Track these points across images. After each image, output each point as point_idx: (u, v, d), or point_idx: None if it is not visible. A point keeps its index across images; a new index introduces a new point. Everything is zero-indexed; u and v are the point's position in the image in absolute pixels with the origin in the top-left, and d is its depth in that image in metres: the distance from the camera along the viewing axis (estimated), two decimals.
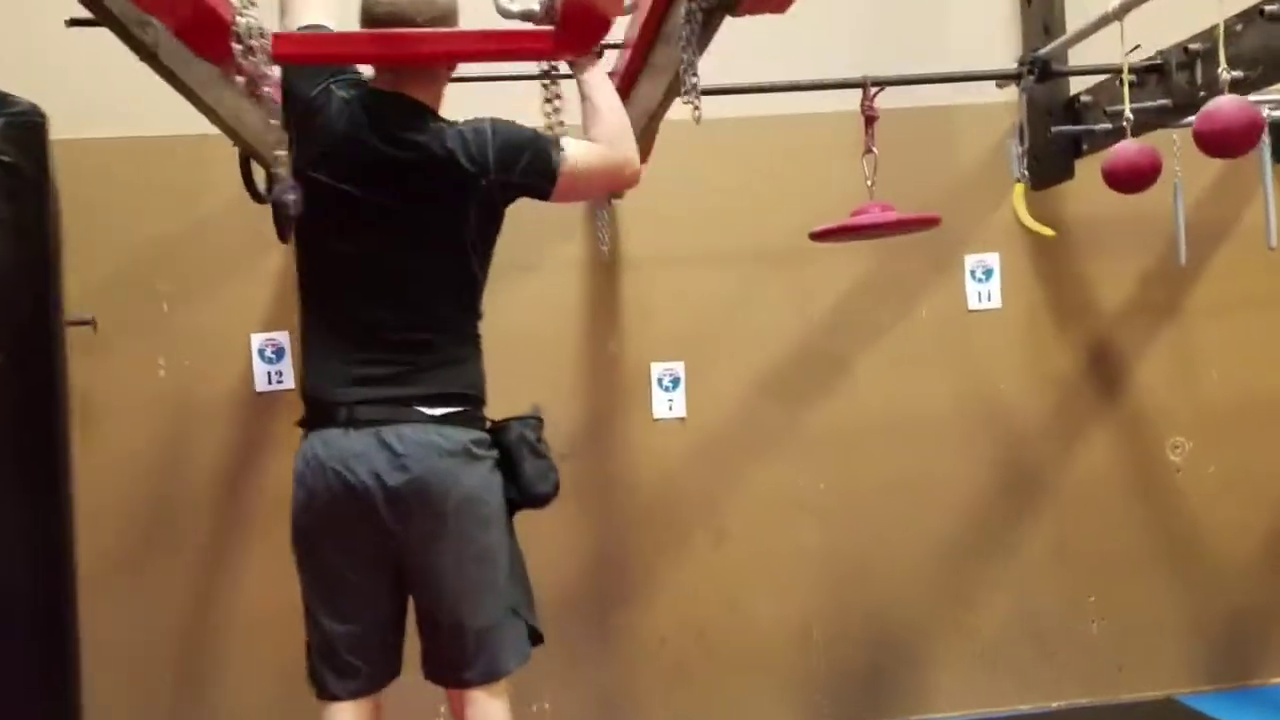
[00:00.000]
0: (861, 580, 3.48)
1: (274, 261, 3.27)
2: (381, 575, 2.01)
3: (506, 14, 1.92)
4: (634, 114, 2.65)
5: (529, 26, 1.93)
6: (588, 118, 2.07)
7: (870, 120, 2.92)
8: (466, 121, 1.99)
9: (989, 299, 3.59)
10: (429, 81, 2.00)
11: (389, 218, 1.95)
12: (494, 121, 2.00)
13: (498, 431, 2.09)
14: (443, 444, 1.96)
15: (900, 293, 3.55)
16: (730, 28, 2.03)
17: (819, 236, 2.91)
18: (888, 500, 3.50)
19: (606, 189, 2.16)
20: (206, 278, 3.31)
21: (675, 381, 3.43)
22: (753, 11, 1.89)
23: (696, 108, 1.94)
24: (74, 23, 1.89)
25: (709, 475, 3.45)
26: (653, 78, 2.47)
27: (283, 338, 3.28)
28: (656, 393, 3.43)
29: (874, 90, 2.91)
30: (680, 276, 3.44)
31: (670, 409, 3.43)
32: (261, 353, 3.27)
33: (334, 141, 1.94)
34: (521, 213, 3.33)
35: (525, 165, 1.98)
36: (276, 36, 1.34)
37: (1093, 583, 3.54)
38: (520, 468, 2.07)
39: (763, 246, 3.46)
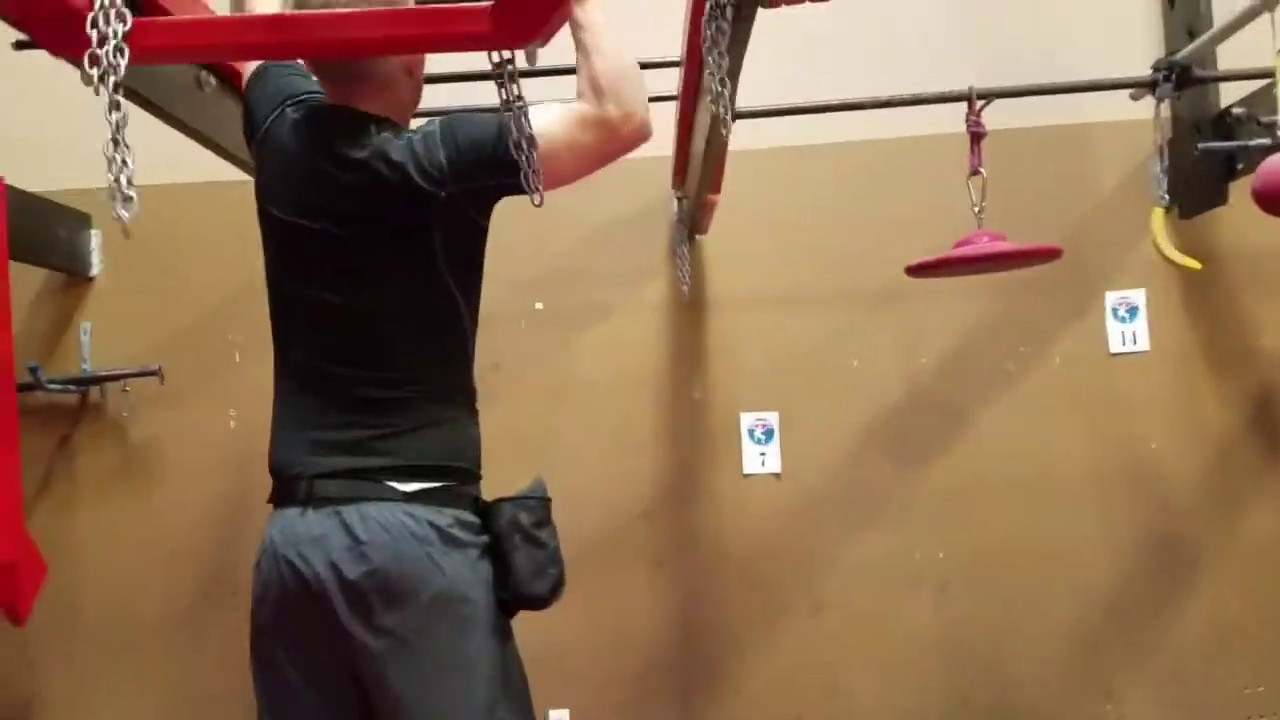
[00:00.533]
0: (985, 665, 3.06)
1: None
2: (343, 690, 1.66)
3: None
4: (695, 144, 2.39)
5: None
6: (578, 68, 1.68)
7: (977, 137, 2.57)
8: (419, 127, 1.72)
9: (1134, 341, 3.15)
10: (379, 88, 1.73)
11: (343, 251, 1.68)
12: (445, 120, 1.68)
13: (487, 513, 1.75)
14: (414, 527, 1.62)
15: (1030, 334, 3.15)
16: (815, 42, 1.74)
17: (917, 271, 2.57)
18: (1016, 572, 3.07)
19: (605, 155, 1.68)
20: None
21: (768, 433, 3.11)
22: (791, 1, 1.58)
23: (724, 123, 1.62)
24: (19, 46, 1.75)
25: (807, 538, 3.10)
26: (705, 98, 2.20)
27: None
28: (747, 445, 3.11)
29: (980, 103, 2.56)
30: (771, 317, 3.14)
31: (763, 463, 3.11)
32: None
33: (282, 169, 1.73)
34: (596, 252, 3.14)
35: (490, 162, 1.60)
36: (139, 24, 1.12)
37: (1259, 671, 3.02)
38: (510, 559, 1.69)
39: (864, 283, 3.12)
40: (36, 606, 2.67)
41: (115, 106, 1.08)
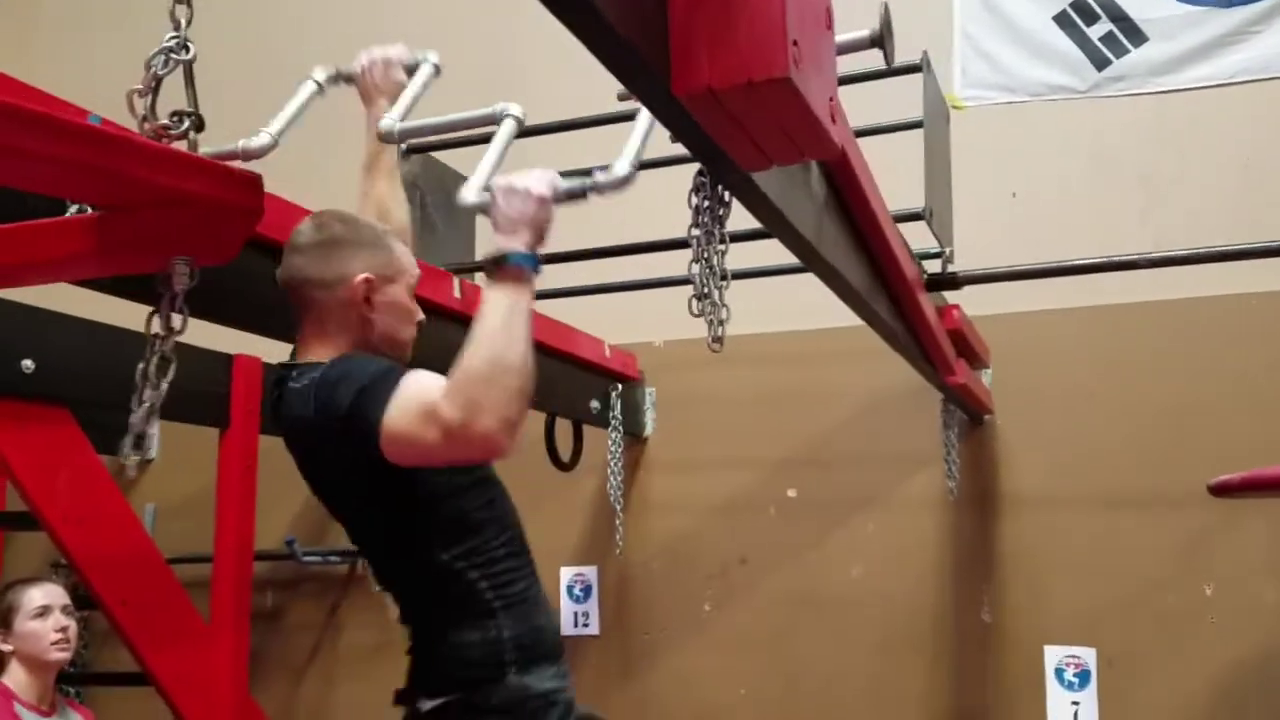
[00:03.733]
0: None
1: (586, 487, 2.86)
2: None
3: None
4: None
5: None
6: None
7: None
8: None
9: None
10: (318, 330, 1.45)
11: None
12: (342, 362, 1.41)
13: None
14: None
15: None
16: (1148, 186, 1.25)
17: (1221, 490, 1.82)
18: None
19: (438, 457, 1.36)
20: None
21: (1083, 675, 2.39)
22: (757, 165, 1.13)
23: (714, 334, 1.21)
24: None
25: None
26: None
27: (591, 573, 2.84)
28: (1054, 690, 2.41)
29: None
30: (1087, 522, 2.44)
31: (1075, 716, 2.38)
32: (570, 589, 2.86)
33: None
34: (862, 432, 2.62)
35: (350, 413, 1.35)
36: None
37: None
38: None
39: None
40: None
41: None
